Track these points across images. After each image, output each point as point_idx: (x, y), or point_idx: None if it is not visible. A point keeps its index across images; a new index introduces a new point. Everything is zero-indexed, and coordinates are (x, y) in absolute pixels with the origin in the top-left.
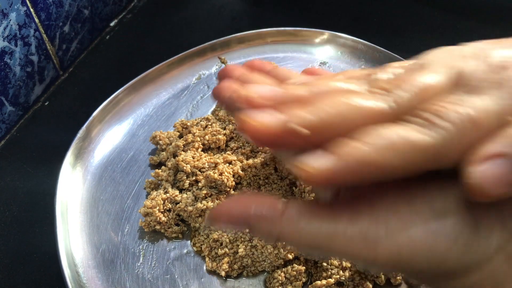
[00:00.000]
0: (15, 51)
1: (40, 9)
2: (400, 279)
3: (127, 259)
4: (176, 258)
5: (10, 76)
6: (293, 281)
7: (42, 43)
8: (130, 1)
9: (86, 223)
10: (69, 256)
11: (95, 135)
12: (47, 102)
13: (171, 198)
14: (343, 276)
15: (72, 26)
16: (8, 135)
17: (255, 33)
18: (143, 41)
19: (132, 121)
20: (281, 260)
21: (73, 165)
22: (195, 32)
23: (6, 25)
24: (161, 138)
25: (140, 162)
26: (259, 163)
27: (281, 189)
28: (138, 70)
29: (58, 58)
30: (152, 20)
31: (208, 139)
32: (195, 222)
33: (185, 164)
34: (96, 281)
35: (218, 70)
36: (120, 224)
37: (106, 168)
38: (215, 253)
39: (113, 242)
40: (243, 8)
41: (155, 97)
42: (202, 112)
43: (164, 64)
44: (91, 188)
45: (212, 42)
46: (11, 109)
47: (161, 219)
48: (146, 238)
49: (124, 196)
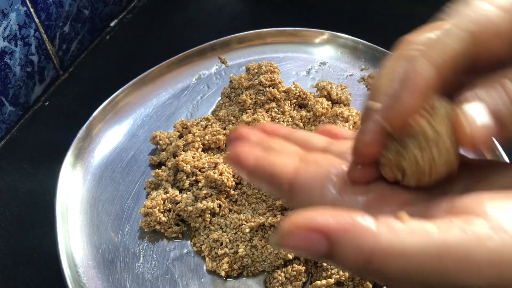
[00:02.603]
0: (15, 51)
1: (40, 9)
2: None
3: (127, 259)
4: (176, 258)
5: (10, 76)
6: (293, 281)
7: (42, 43)
8: (130, 1)
9: (86, 223)
10: (69, 256)
11: (95, 135)
12: (47, 102)
13: (171, 198)
14: (343, 276)
15: (72, 26)
16: (8, 135)
17: (255, 33)
18: (143, 41)
19: (132, 121)
20: (281, 260)
21: (73, 165)
22: (195, 32)
23: (6, 25)
24: (161, 138)
25: (140, 162)
26: None
27: None
28: (138, 70)
29: (58, 58)
30: (152, 20)
31: (208, 139)
32: (195, 222)
33: (185, 164)
34: (96, 281)
35: (218, 70)
36: (120, 224)
37: (106, 168)
38: (215, 253)
39: (113, 242)
40: (243, 8)
41: (155, 97)
42: (202, 112)
43: (164, 64)
44: (91, 188)
45: (212, 42)
46: (11, 109)
47: (161, 219)
48: (146, 238)
49: (124, 196)
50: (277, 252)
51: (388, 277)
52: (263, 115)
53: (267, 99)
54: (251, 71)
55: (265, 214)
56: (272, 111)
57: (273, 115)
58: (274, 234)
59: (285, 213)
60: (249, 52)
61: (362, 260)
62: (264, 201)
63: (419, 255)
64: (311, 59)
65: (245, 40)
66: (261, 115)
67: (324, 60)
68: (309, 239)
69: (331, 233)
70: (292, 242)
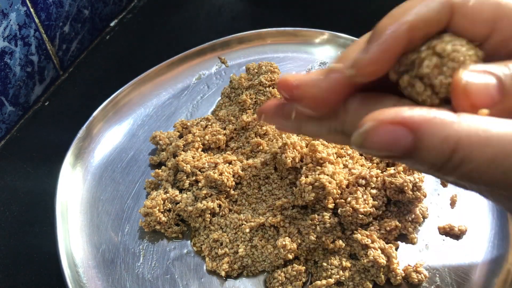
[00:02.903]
0: (15, 51)
1: (40, 9)
2: (400, 279)
3: (127, 259)
4: (176, 258)
5: (10, 76)
6: (293, 281)
7: (42, 43)
8: (130, 1)
9: (86, 223)
10: (69, 256)
11: (95, 135)
12: (47, 102)
13: (171, 198)
14: (343, 276)
15: (72, 26)
16: (8, 135)
17: (255, 33)
18: (143, 41)
19: (132, 121)
20: (281, 260)
21: (73, 165)
22: (195, 32)
23: (6, 25)
24: (161, 138)
25: (140, 162)
26: (259, 163)
27: (281, 189)
28: (138, 70)
29: (58, 58)
30: (152, 20)
31: (208, 139)
32: (195, 222)
33: (185, 164)
34: (96, 281)
35: (218, 70)
36: (120, 224)
37: (106, 168)
38: (215, 253)
39: (113, 242)
40: (243, 8)
41: (155, 97)
42: (202, 112)
43: (164, 64)
44: (91, 188)
45: (212, 42)
46: (11, 109)
47: (161, 219)
48: (146, 238)
49: (124, 196)
50: (277, 252)
51: (471, 168)
52: None
53: (267, 99)
54: (251, 71)
55: (265, 214)
56: None
57: None
58: (356, 134)
59: (285, 213)
60: (249, 52)
61: (448, 150)
62: (264, 201)
63: (505, 141)
64: (311, 59)
65: (245, 40)
66: None
67: (324, 60)
68: (394, 134)
69: (416, 126)
70: (377, 138)
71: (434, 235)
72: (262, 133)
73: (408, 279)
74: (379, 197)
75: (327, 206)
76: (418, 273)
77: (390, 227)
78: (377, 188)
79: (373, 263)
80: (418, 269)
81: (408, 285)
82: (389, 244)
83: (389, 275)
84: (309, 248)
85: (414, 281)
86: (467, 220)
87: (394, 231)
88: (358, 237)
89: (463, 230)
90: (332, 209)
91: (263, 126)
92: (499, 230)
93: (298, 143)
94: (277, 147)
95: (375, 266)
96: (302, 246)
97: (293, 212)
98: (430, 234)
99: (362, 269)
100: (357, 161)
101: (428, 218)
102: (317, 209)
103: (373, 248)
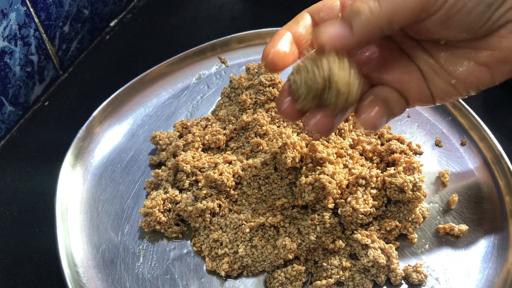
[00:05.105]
0: (15, 51)
1: (40, 9)
2: (400, 279)
3: (127, 259)
4: (176, 258)
5: (10, 76)
6: (293, 281)
7: (42, 43)
8: (130, 1)
9: (86, 223)
10: (69, 256)
11: (95, 135)
12: (47, 102)
13: (171, 198)
14: (343, 276)
15: (72, 26)
16: (8, 135)
17: (255, 33)
18: (143, 41)
19: (132, 121)
20: (281, 260)
21: (73, 165)
22: (195, 32)
23: (6, 25)
24: (161, 138)
25: (140, 162)
26: (259, 163)
27: (281, 189)
28: (138, 70)
29: (58, 58)
30: (152, 20)
31: (208, 139)
32: (195, 222)
33: (185, 164)
34: (96, 281)
35: (218, 70)
36: (120, 224)
37: (106, 168)
38: (215, 253)
39: (113, 242)
40: (243, 8)
41: (155, 97)
42: (202, 112)
43: (164, 64)
44: (91, 188)
45: (212, 42)
46: (11, 109)
47: (161, 219)
48: (146, 238)
49: (124, 196)
50: (277, 252)
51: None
52: (263, 115)
53: (267, 99)
54: (251, 71)
55: (265, 214)
56: (272, 111)
57: (273, 115)
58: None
59: (285, 213)
60: (249, 52)
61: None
62: (264, 201)
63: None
64: None
65: (245, 40)
66: (261, 115)
67: None
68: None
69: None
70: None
71: (434, 235)
72: (262, 133)
73: (408, 279)
74: (379, 197)
75: (327, 206)
76: (418, 273)
77: (390, 227)
78: (377, 188)
79: (373, 263)
80: (418, 269)
81: (408, 285)
82: (389, 244)
83: (389, 275)
84: (309, 248)
85: (414, 281)
86: (467, 220)
87: (394, 231)
88: (358, 237)
89: (463, 230)
90: (332, 209)
91: (263, 126)
92: (499, 230)
93: (298, 143)
94: (277, 147)
95: (375, 266)
96: (302, 246)
97: (293, 212)
98: (430, 234)
99: (362, 269)
100: (357, 161)
101: (428, 218)
102: (317, 209)
103: (373, 248)
